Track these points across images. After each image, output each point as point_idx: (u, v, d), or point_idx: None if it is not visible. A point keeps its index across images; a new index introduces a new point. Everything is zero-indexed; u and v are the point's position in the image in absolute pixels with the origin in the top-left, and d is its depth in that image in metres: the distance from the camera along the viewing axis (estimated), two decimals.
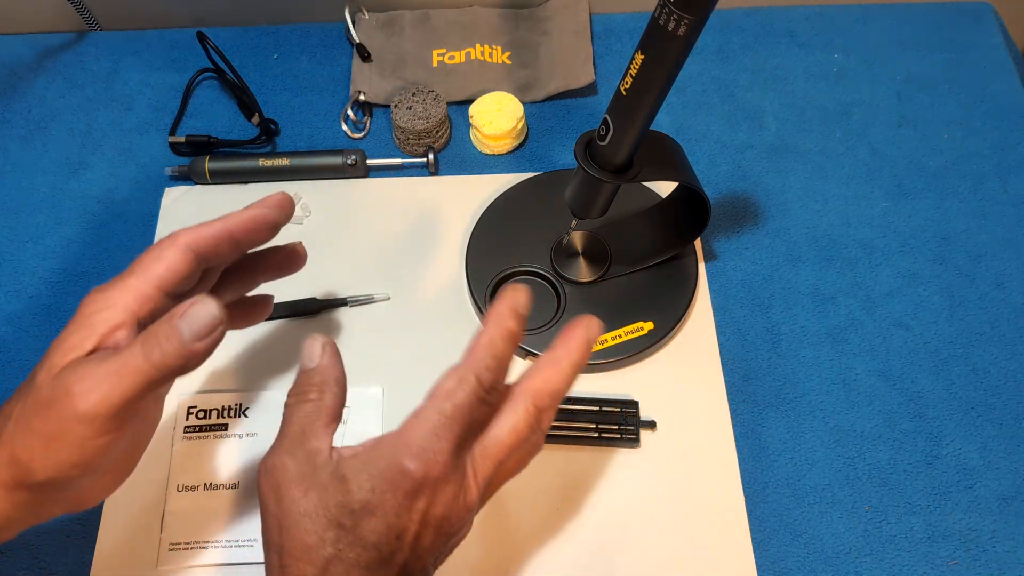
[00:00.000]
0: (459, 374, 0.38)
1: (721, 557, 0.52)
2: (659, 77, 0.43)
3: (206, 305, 0.37)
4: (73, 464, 0.36)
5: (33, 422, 0.36)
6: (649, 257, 0.60)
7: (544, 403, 0.40)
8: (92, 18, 0.75)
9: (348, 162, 0.65)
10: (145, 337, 0.36)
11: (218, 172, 0.66)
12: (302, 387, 0.39)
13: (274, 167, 0.66)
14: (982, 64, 0.73)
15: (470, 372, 0.38)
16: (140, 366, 0.36)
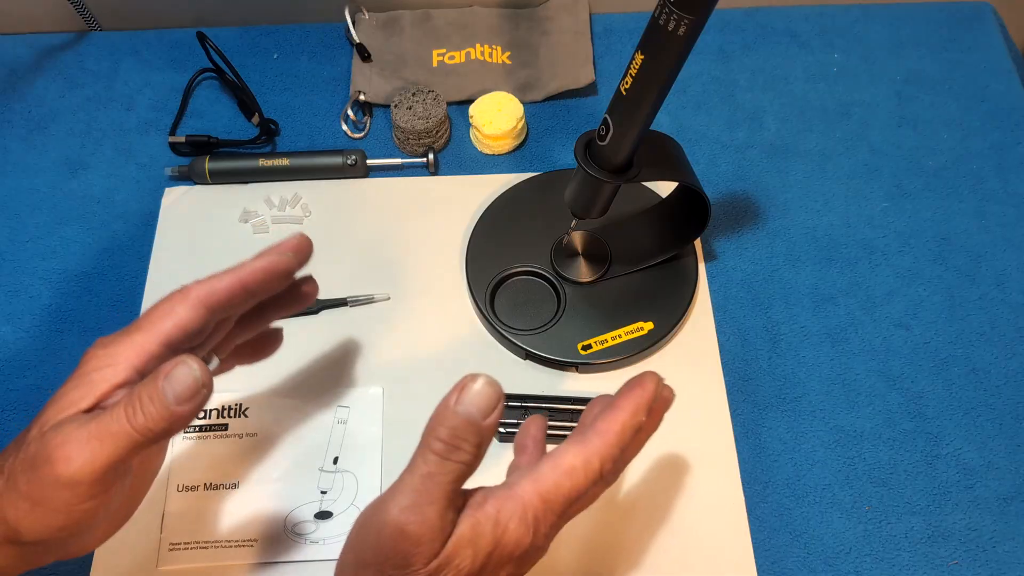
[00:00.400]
0: (588, 454, 0.36)
1: (721, 557, 0.52)
2: (659, 77, 0.43)
3: (189, 367, 0.35)
4: (60, 527, 0.35)
5: (19, 483, 0.35)
6: (649, 257, 0.60)
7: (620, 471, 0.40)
8: (92, 18, 0.75)
9: (348, 162, 0.65)
10: (128, 399, 0.35)
11: (218, 172, 0.66)
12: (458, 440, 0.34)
13: (274, 167, 0.66)
14: (982, 64, 0.73)
15: (597, 458, 0.36)
16: (123, 430, 0.34)
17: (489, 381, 0.35)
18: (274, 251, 0.42)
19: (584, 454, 0.36)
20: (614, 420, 0.37)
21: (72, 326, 0.61)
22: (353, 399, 0.57)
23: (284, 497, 0.54)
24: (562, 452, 0.37)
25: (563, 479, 0.36)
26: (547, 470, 0.36)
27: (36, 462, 0.35)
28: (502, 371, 0.58)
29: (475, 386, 0.35)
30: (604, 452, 0.36)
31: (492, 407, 0.35)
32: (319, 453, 0.55)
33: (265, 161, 0.65)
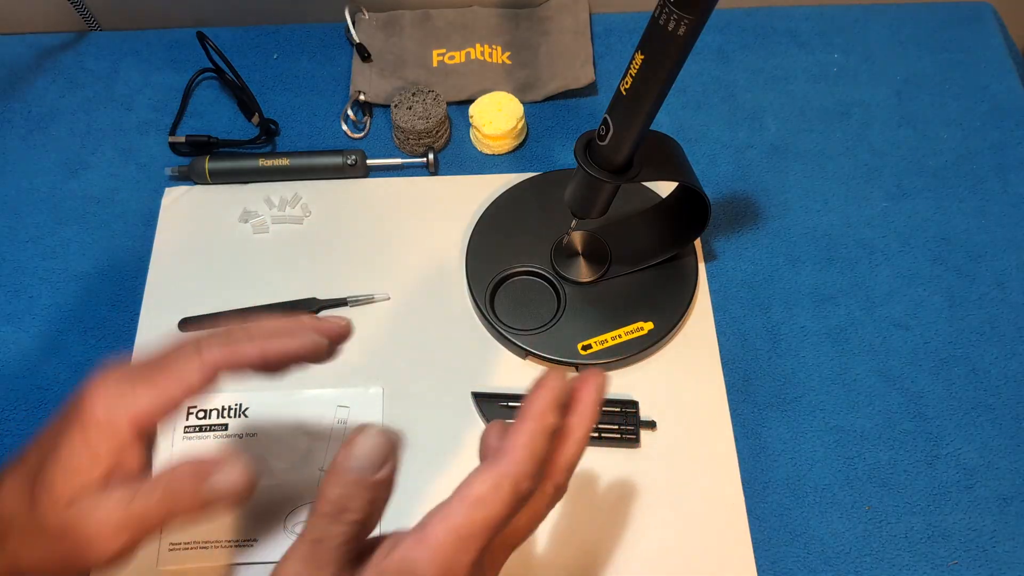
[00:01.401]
0: (495, 478, 0.33)
1: (721, 557, 0.52)
2: (659, 77, 0.43)
3: (236, 470, 0.35)
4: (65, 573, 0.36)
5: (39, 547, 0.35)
6: (649, 257, 0.60)
7: (562, 479, 0.37)
8: (92, 18, 0.75)
9: (348, 162, 0.65)
10: (168, 487, 0.35)
11: (218, 172, 0.66)
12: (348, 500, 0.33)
13: (274, 167, 0.66)
14: (982, 64, 0.73)
15: (507, 479, 0.33)
16: (161, 515, 0.35)
17: (380, 431, 0.33)
18: (313, 330, 0.38)
19: (492, 479, 0.33)
20: (518, 433, 0.34)
21: (72, 326, 0.61)
22: (353, 399, 0.57)
23: (284, 497, 0.54)
24: (469, 481, 0.33)
25: (474, 511, 0.32)
26: (456, 504, 0.33)
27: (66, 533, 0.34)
28: (502, 371, 0.58)
29: (363, 439, 0.33)
30: (514, 471, 0.33)
31: (383, 459, 0.33)
32: (319, 453, 0.55)
33: (265, 161, 0.65)
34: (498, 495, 0.33)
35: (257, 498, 0.54)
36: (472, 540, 0.32)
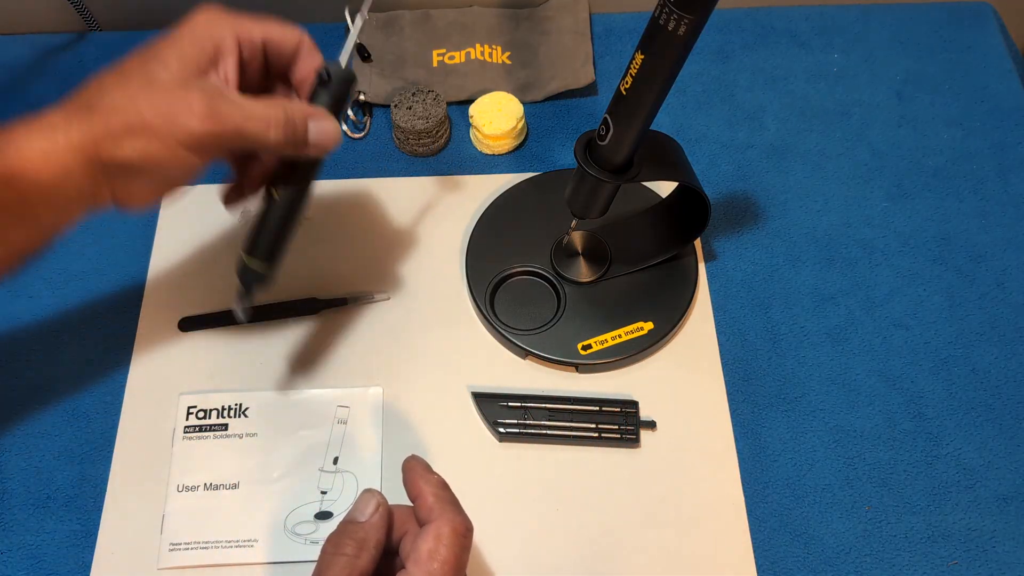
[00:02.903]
0: (434, 532, 0.39)
1: (721, 557, 0.52)
2: (659, 77, 0.43)
3: (336, 126, 0.44)
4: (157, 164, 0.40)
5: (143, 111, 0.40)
6: (649, 257, 0.60)
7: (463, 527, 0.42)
8: (92, 18, 0.75)
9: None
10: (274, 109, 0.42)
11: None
12: (342, 538, 0.40)
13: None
14: (982, 64, 0.73)
15: (445, 527, 0.40)
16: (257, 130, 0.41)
17: (370, 490, 0.42)
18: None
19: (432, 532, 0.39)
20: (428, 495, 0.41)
21: (72, 326, 0.61)
22: (353, 399, 0.57)
23: (284, 497, 0.54)
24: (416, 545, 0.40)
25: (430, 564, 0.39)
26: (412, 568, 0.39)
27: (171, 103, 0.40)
28: (502, 371, 0.58)
29: (359, 498, 0.42)
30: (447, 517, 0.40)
31: (372, 509, 0.41)
32: (319, 453, 0.55)
33: None
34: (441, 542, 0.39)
35: (257, 498, 0.54)
36: None
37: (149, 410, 0.57)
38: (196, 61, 0.41)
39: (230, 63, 0.43)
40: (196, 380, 0.58)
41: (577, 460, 0.55)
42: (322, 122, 0.44)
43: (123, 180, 0.42)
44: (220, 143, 0.41)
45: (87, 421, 0.57)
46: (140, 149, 0.40)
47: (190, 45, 0.42)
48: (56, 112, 0.41)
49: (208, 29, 0.42)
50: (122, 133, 0.40)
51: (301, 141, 0.43)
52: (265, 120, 0.42)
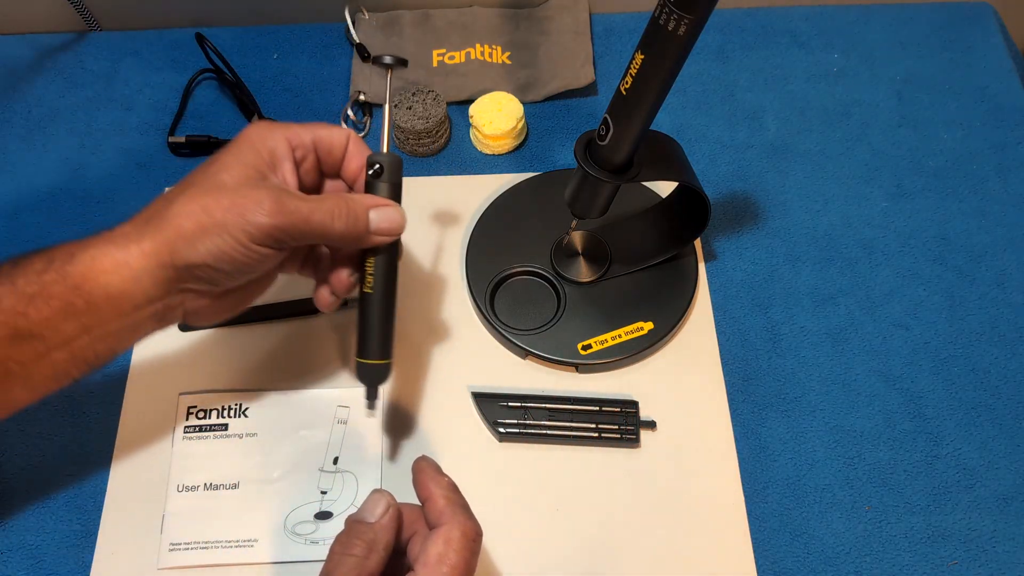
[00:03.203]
0: (443, 536, 0.40)
1: (721, 557, 0.52)
2: (659, 77, 0.43)
3: (398, 211, 0.46)
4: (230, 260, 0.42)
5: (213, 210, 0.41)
6: (649, 257, 0.60)
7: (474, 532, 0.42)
8: (92, 18, 0.75)
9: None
10: (337, 202, 0.44)
11: None
12: (351, 539, 0.41)
13: None
14: (982, 64, 0.73)
15: (455, 530, 0.40)
16: (322, 222, 0.43)
17: (379, 490, 0.43)
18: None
19: (441, 535, 0.40)
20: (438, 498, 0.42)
21: None
22: (353, 399, 0.57)
23: (284, 497, 0.54)
24: (425, 548, 0.40)
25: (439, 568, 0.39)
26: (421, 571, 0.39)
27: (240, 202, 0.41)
28: (502, 371, 0.58)
29: (368, 498, 0.43)
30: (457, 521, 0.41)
31: (383, 510, 0.42)
32: (319, 453, 0.55)
33: None
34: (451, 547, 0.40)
35: (257, 498, 0.54)
36: None
37: (149, 410, 0.57)
38: (256, 166, 0.43)
39: (287, 167, 0.45)
40: (196, 380, 0.58)
41: (577, 460, 0.55)
42: (383, 210, 0.45)
43: (195, 286, 0.43)
44: (289, 236, 0.42)
45: (87, 421, 0.57)
46: (214, 248, 0.41)
47: (248, 153, 0.43)
48: (127, 224, 0.43)
49: (262, 138, 0.44)
50: (195, 234, 0.41)
51: (363, 230, 0.44)
52: (329, 212, 0.43)
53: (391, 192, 0.47)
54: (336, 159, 0.48)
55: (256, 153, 0.44)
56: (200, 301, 0.44)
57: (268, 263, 0.43)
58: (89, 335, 0.42)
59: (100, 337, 0.42)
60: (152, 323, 0.44)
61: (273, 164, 0.44)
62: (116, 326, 0.42)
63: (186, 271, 0.42)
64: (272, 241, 0.42)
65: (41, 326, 0.41)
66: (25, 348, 0.41)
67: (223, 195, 0.41)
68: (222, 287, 0.44)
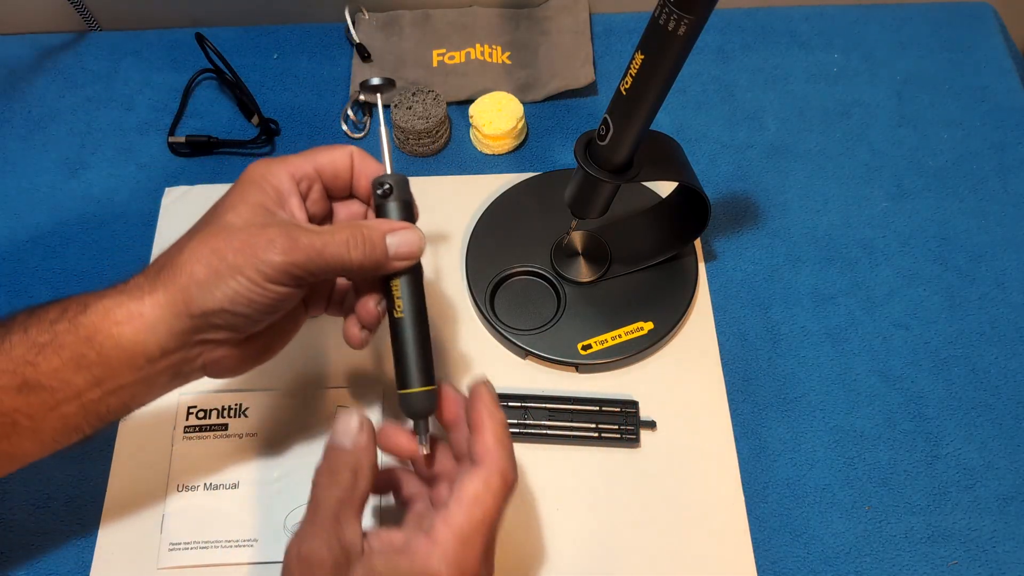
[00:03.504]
0: (484, 477, 0.39)
1: (721, 557, 0.52)
2: (659, 77, 0.43)
3: (416, 233, 0.43)
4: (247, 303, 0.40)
5: (225, 253, 0.40)
6: (649, 257, 0.60)
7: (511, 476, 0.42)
8: (92, 18, 0.75)
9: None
10: (352, 231, 0.42)
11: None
12: (334, 465, 0.40)
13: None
14: (982, 64, 0.73)
15: (496, 475, 0.39)
16: (337, 253, 0.41)
17: (350, 412, 0.41)
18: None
19: (481, 477, 0.39)
20: (486, 432, 0.41)
21: None
22: (353, 399, 0.57)
23: (284, 497, 0.54)
24: (462, 483, 0.39)
25: (473, 509, 0.38)
26: (454, 507, 0.39)
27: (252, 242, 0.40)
28: (502, 371, 0.58)
29: (339, 420, 0.41)
30: (498, 466, 0.40)
31: (356, 429, 0.41)
32: (319, 453, 0.55)
33: None
34: (489, 491, 0.39)
35: (257, 498, 0.54)
36: (477, 536, 0.38)
37: (149, 410, 0.56)
38: (263, 204, 0.42)
39: (294, 202, 0.43)
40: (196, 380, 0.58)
41: (577, 460, 0.55)
42: (400, 234, 0.43)
43: (213, 335, 0.42)
44: (306, 272, 0.41)
45: None
46: (229, 291, 0.40)
47: (253, 192, 0.42)
48: (140, 275, 0.42)
49: (264, 176, 0.43)
50: (209, 279, 0.40)
51: (382, 256, 0.42)
52: (344, 243, 0.41)
53: (403, 211, 0.45)
54: (343, 182, 0.46)
55: (261, 191, 0.42)
56: (220, 351, 0.43)
57: (287, 303, 0.42)
58: (101, 388, 0.41)
59: (112, 391, 0.41)
60: (168, 377, 0.42)
61: (279, 201, 0.43)
62: (129, 379, 0.41)
63: (202, 319, 0.40)
64: (288, 279, 0.40)
65: (50, 377, 0.40)
66: (33, 399, 0.40)
67: (233, 237, 0.40)
68: (242, 333, 0.42)
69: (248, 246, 0.40)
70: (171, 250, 0.42)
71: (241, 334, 0.42)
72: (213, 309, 0.40)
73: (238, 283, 0.39)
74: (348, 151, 0.45)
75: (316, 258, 0.41)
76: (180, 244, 0.42)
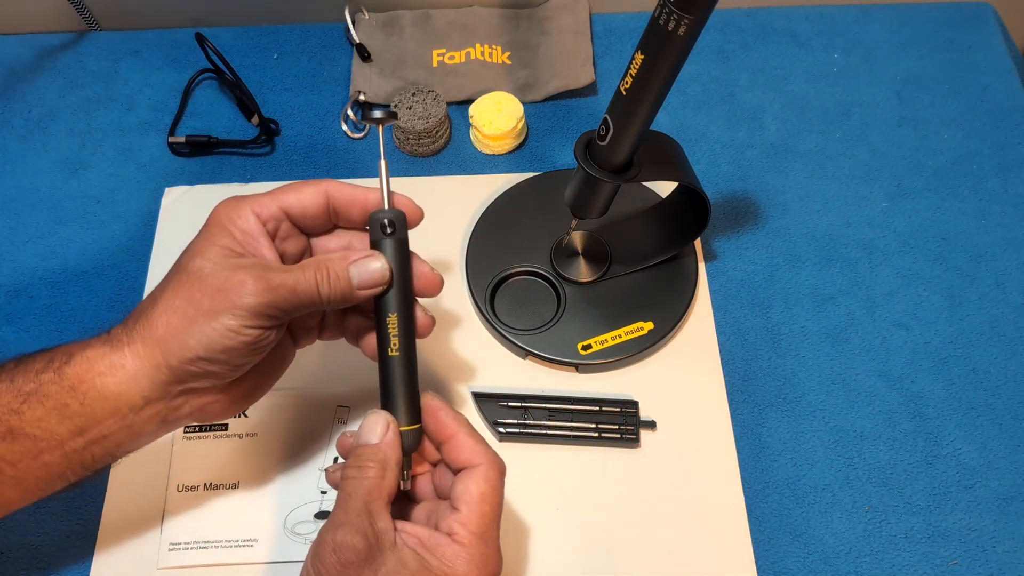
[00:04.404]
0: (483, 474, 0.41)
1: (721, 557, 0.52)
2: (659, 77, 0.43)
3: (376, 260, 0.42)
4: (223, 348, 0.40)
5: (199, 301, 0.40)
6: (649, 257, 0.60)
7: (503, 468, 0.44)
8: (92, 18, 0.75)
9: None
10: (318, 267, 0.42)
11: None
12: (363, 460, 0.41)
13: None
14: (982, 64, 0.73)
15: (491, 469, 0.42)
16: (308, 290, 0.41)
17: (377, 411, 0.43)
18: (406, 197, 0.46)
19: (483, 477, 0.42)
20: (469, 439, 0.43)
21: (72, 326, 0.61)
22: (353, 399, 0.57)
23: (284, 497, 0.54)
24: (466, 488, 0.41)
25: (483, 507, 0.41)
26: (467, 510, 0.41)
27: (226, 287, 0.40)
28: (502, 371, 0.58)
29: (366, 420, 0.42)
30: (489, 457, 0.42)
31: (383, 430, 0.42)
32: (319, 453, 0.55)
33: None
34: (491, 485, 0.41)
35: (257, 498, 0.54)
36: (490, 529, 0.41)
37: None
38: (230, 248, 0.42)
39: (262, 242, 0.43)
40: None
41: (577, 460, 0.55)
42: (360, 264, 0.42)
43: (196, 384, 0.42)
44: (280, 311, 0.41)
45: None
46: (204, 339, 0.40)
47: (220, 236, 0.42)
48: (120, 325, 0.42)
49: (230, 218, 0.43)
50: (183, 328, 0.40)
51: (347, 287, 0.42)
52: (313, 278, 0.41)
53: (396, 248, 0.43)
54: (316, 220, 0.45)
55: (228, 234, 0.42)
56: (205, 398, 0.43)
57: (265, 343, 0.42)
58: (84, 437, 0.41)
59: (95, 440, 0.41)
60: (155, 425, 0.42)
61: (247, 242, 0.42)
62: (113, 428, 0.41)
63: (181, 369, 0.40)
64: (264, 320, 0.40)
65: (33, 426, 0.40)
66: (16, 447, 0.40)
67: (205, 283, 0.40)
68: (224, 379, 0.42)
69: (220, 291, 0.40)
70: (146, 301, 0.42)
71: (223, 380, 0.42)
72: (190, 358, 0.40)
73: (212, 329, 0.40)
74: (322, 189, 0.44)
75: (290, 296, 0.41)
76: (154, 295, 0.42)
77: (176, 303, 0.40)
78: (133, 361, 0.40)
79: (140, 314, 0.42)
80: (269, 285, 0.40)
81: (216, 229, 0.42)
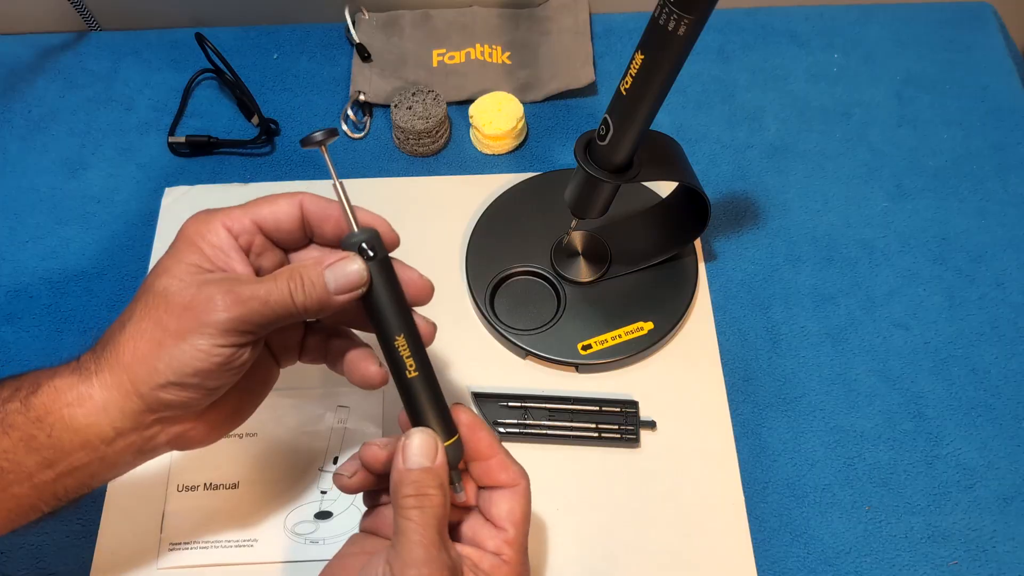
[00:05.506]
0: (522, 493, 0.42)
1: (721, 557, 0.52)
2: (659, 77, 0.43)
3: (354, 262, 0.39)
4: (194, 371, 0.38)
5: (166, 322, 0.38)
6: (649, 257, 0.60)
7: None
8: (92, 18, 0.75)
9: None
10: (291, 275, 0.39)
11: None
12: (423, 488, 0.38)
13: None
14: (982, 64, 0.73)
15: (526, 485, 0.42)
16: (282, 300, 0.39)
17: (422, 430, 0.40)
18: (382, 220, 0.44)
19: (521, 493, 0.42)
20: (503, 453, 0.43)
21: (72, 326, 0.61)
22: (353, 399, 0.57)
23: (284, 497, 0.54)
24: (512, 509, 0.42)
25: (525, 526, 0.42)
26: (514, 531, 0.41)
27: (194, 304, 0.38)
28: (502, 371, 0.58)
29: (413, 442, 0.40)
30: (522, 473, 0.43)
31: (435, 451, 0.40)
32: (319, 453, 0.55)
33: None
34: (528, 502, 0.42)
35: (257, 498, 0.54)
36: (526, 542, 0.42)
37: None
38: (199, 264, 0.40)
39: (235, 257, 0.41)
40: None
41: (577, 460, 0.55)
42: (336, 267, 0.39)
43: (169, 412, 0.40)
44: (253, 325, 0.38)
45: None
46: (174, 362, 0.38)
47: (188, 252, 0.40)
48: (88, 352, 0.40)
49: (200, 233, 0.40)
50: (152, 353, 0.38)
51: (323, 293, 0.39)
52: (286, 287, 0.39)
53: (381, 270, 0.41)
54: (290, 234, 0.43)
55: (197, 251, 0.40)
56: (183, 425, 0.41)
57: (239, 361, 0.39)
58: (53, 470, 0.39)
59: (66, 472, 0.39)
60: (131, 456, 0.40)
61: (219, 257, 0.40)
62: (84, 460, 0.39)
63: (152, 397, 0.38)
64: (236, 337, 0.38)
65: (0, 457, 0.38)
66: None
67: (171, 303, 0.38)
68: (200, 405, 0.40)
69: (188, 310, 0.38)
70: (115, 325, 0.40)
71: (199, 406, 0.40)
72: (160, 384, 0.38)
73: (182, 351, 0.37)
74: (297, 201, 0.42)
75: (262, 309, 0.38)
76: (122, 319, 0.40)
77: (143, 326, 0.38)
78: (101, 391, 0.38)
79: (108, 340, 0.39)
80: (239, 298, 0.38)
81: (184, 245, 0.40)
